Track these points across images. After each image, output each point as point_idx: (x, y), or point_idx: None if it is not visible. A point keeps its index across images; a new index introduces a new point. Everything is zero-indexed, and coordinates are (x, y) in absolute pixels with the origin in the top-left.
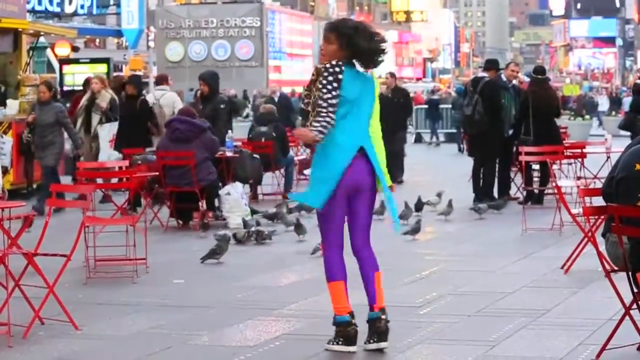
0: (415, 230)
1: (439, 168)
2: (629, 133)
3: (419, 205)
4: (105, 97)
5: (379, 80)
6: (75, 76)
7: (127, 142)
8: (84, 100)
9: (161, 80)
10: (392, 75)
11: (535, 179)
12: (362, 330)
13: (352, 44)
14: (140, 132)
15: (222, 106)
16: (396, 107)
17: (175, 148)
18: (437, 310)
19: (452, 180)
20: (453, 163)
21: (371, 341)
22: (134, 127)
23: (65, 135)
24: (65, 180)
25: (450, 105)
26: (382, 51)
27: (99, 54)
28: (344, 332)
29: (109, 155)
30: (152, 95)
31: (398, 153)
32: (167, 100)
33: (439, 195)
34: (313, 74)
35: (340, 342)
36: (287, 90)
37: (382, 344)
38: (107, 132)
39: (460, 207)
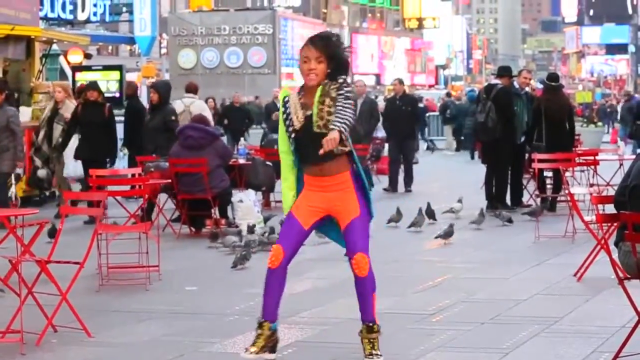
0: (448, 234)
1: (451, 175)
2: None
3: (430, 212)
4: (69, 107)
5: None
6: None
7: (89, 151)
8: (46, 111)
9: (191, 88)
10: (401, 82)
11: (548, 186)
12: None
13: (337, 59)
14: (105, 141)
15: (172, 118)
16: (404, 115)
17: (188, 155)
18: (450, 317)
19: (464, 187)
20: (465, 170)
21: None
22: (98, 135)
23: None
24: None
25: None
26: (347, 63)
27: (111, 61)
28: None
29: (74, 170)
30: (181, 103)
31: (408, 162)
32: (196, 108)
33: (460, 201)
34: (333, 92)
35: None
36: None
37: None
38: (73, 144)
39: (472, 215)
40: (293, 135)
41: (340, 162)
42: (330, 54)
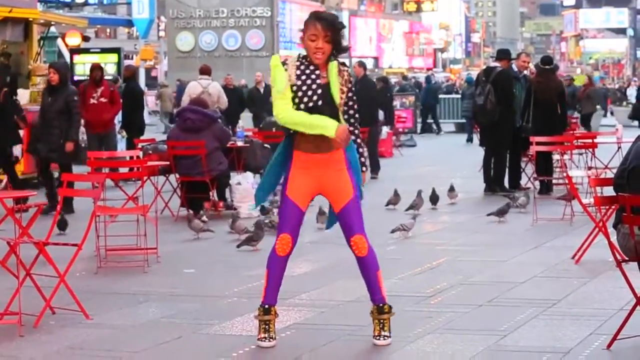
0: (502, 211)
1: (449, 158)
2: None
3: (434, 198)
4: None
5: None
6: (85, 66)
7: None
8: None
9: (205, 70)
10: (360, 64)
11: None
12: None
13: (337, 39)
14: (3, 128)
15: (74, 98)
16: (361, 100)
17: (186, 138)
18: (448, 300)
19: (462, 170)
20: (463, 153)
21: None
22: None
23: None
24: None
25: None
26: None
27: (109, 43)
28: None
29: None
30: (198, 84)
31: (370, 148)
32: (213, 89)
33: (414, 218)
34: (345, 75)
35: None
36: None
37: None
38: None
39: (470, 198)
40: (311, 105)
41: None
42: (335, 35)
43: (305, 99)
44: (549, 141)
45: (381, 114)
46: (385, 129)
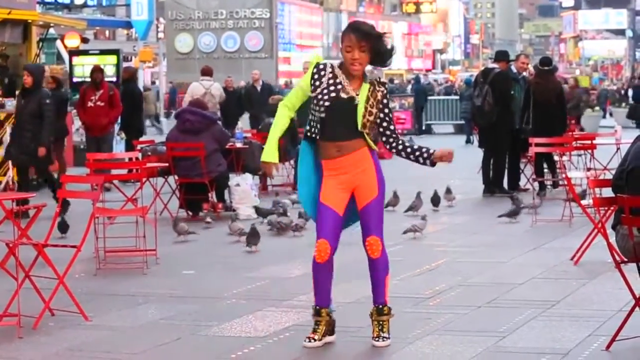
0: (514, 212)
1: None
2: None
3: (436, 199)
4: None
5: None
6: (84, 67)
7: None
8: None
9: (207, 71)
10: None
11: (546, 170)
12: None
13: (376, 49)
14: None
15: (47, 101)
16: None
17: (185, 139)
18: (447, 301)
19: (461, 172)
20: (462, 154)
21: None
22: None
23: (76, 126)
24: (75, 171)
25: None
26: (392, 52)
27: (108, 45)
28: None
29: None
30: (200, 85)
31: None
32: (216, 91)
33: (423, 218)
34: (379, 95)
35: None
36: (295, 79)
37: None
38: None
39: (469, 199)
40: (327, 104)
41: (358, 141)
42: (372, 44)
43: (317, 108)
44: (548, 142)
45: None
46: None
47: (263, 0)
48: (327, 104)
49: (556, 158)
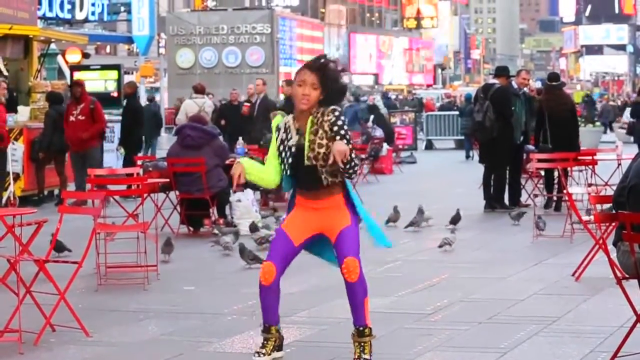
0: (519, 215)
1: (449, 175)
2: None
3: (456, 218)
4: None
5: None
6: (86, 83)
7: None
8: None
9: (200, 89)
10: (264, 82)
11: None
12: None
13: (332, 89)
14: None
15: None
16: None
17: (186, 155)
18: (448, 317)
19: (462, 187)
20: (462, 170)
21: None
22: None
23: None
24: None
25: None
26: (345, 91)
27: (109, 60)
28: None
29: None
30: (194, 103)
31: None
32: (209, 108)
33: (453, 231)
34: (326, 125)
35: None
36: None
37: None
38: None
39: (470, 215)
40: (290, 161)
41: (334, 187)
42: (325, 82)
43: (283, 158)
44: (549, 158)
45: (379, 131)
46: (385, 146)
47: (264, 15)
48: (290, 161)
49: (556, 174)
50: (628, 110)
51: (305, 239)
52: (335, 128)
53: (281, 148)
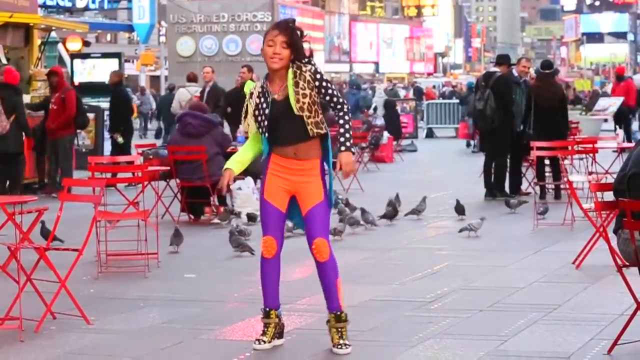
0: (519, 203)
1: (450, 163)
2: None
3: (460, 209)
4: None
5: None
6: (86, 71)
7: None
8: None
9: (193, 78)
10: (249, 69)
11: (547, 174)
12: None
13: (297, 45)
14: None
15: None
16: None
17: (187, 143)
18: (449, 305)
19: (462, 175)
20: (463, 158)
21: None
22: None
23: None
24: (79, 174)
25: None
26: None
27: (110, 48)
28: None
29: None
30: (187, 91)
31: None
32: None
33: (482, 219)
34: (307, 75)
35: None
36: None
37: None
38: None
39: (471, 203)
40: (265, 123)
41: (314, 146)
42: (294, 42)
43: (261, 117)
44: (550, 146)
45: (381, 120)
46: (385, 134)
47: (265, 4)
48: (266, 123)
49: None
50: None
51: (287, 203)
52: (318, 76)
53: (257, 113)
